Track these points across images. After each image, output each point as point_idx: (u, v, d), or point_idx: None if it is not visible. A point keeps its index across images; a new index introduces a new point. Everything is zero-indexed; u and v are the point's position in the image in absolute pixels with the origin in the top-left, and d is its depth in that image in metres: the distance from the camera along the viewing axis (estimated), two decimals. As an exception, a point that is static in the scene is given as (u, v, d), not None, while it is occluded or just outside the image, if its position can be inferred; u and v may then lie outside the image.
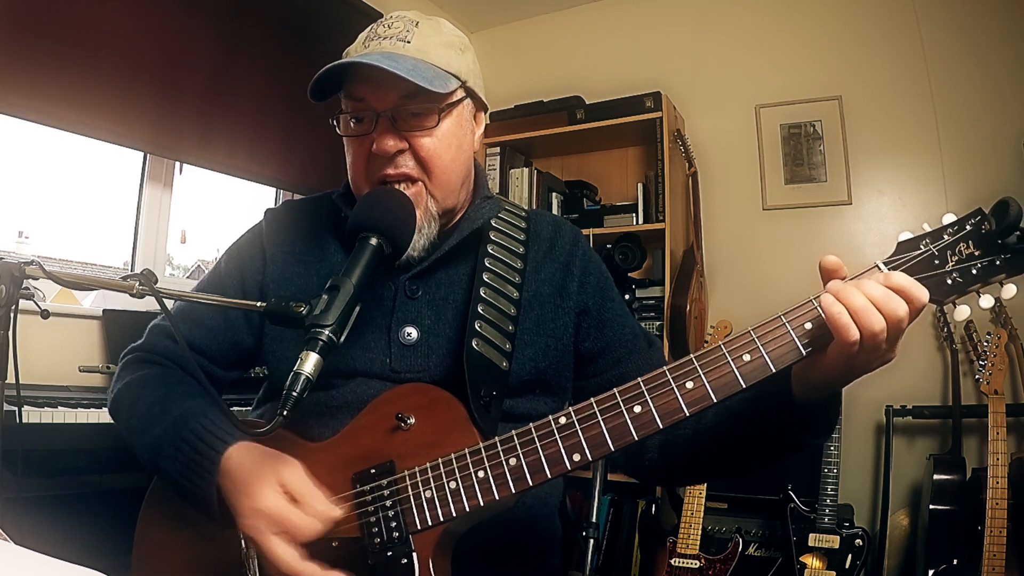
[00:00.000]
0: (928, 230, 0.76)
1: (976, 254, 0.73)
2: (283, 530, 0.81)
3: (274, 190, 3.01)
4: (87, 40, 2.05)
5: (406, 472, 0.86)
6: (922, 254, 0.75)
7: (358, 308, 0.82)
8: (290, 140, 2.70)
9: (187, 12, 2.35)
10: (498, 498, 0.82)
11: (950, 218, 0.75)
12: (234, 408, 1.61)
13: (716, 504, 2.54)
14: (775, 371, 0.75)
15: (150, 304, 1.15)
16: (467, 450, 0.84)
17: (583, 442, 0.80)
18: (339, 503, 0.86)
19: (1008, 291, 0.73)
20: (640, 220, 2.99)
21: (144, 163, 2.44)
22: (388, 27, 1.00)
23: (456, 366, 0.96)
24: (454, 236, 1.05)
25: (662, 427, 0.77)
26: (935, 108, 2.71)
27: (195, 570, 0.95)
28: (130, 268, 2.46)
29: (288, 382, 0.75)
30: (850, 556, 2.22)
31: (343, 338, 0.79)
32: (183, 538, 0.97)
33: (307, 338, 0.77)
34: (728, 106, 3.09)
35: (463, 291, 1.04)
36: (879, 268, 0.75)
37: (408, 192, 0.98)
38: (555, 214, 2.93)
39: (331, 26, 2.80)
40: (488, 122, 1.70)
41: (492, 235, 1.08)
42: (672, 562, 2.37)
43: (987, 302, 0.74)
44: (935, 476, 2.22)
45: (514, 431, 0.83)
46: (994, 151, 2.58)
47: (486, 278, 1.02)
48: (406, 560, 0.83)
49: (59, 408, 1.54)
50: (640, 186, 3.02)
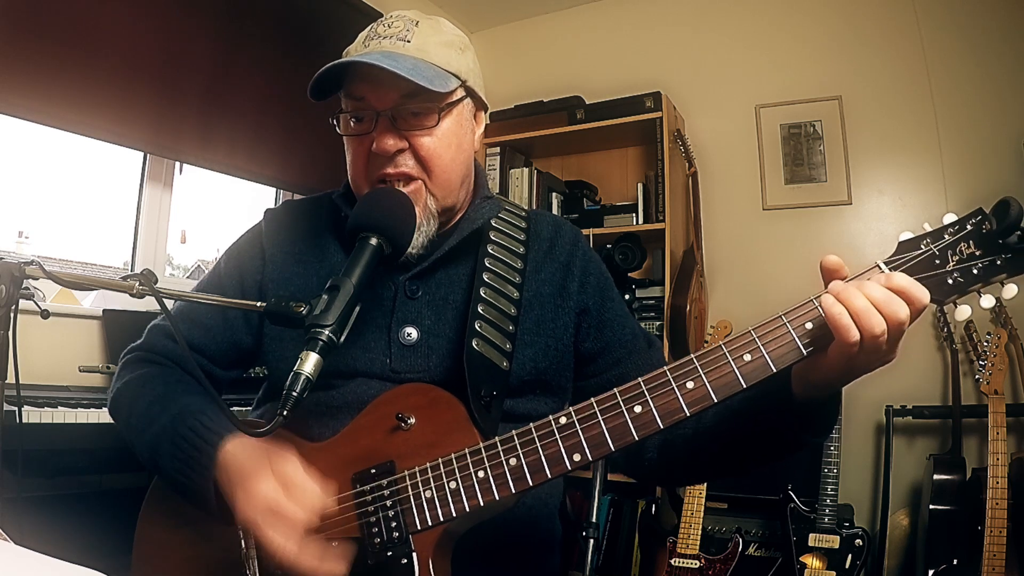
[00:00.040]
0: (929, 230, 0.76)
1: (977, 254, 0.73)
2: (279, 520, 0.81)
3: (274, 190, 3.01)
4: (87, 40, 2.05)
5: (406, 472, 0.86)
6: (923, 254, 0.75)
7: (358, 308, 0.82)
8: (290, 140, 2.70)
9: (187, 12, 2.35)
10: (498, 498, 0.82)
11: (951, 218, 0.75)
12: (234, 408, 1.61)
13: (716, 504, 2.54)
14: (776, 371, 0.75)
15: (150, 304, 1.15)
16: (467, 450, 0.84)
17: (583, 442, 0.79)
18: (339, 503, 0.86)
19: (1009, 291, 0.73)
20: (640, 220, 2.99)
21: (144, 163, 2.44)
22: (388, 26, 1.00)
23: (456, 366, 0.96)
24: (454, 236, 1.05)
25: (663, 427, 0.77)
26: (935, 108, 2.71)
27: (195, 570, 0.95)
28: (130, 268, 2.46)
29: (288, 382, 0.75)
30: (850, 556, 2.22)
31: (343, 338, 0.79)
32: (183, 538, 0.97)
33: (307, 338, 0.78)
34: (728, 106, 3.09)
35: (463, 291, 1.03)
36: (880, 268, 0.75)
37: (407, 189, 0.97)
38: (555, 214, 2.93)
39: (331, 26, 2.80)
40: (488, 122, 1.69)
41: (492, 235, 1.08)
42: (672, 562, 2.37)
43: (988, 302, 0.74)
44: (935, 476, 2.22)
45: (514, 431, 0.83)
46: (994, 151, 2.58)
47: (486, 278, 1.02)
48: (406, 560, 0.83)
49: (59, 408, 1.54)
50: (640, 186, 3.02)
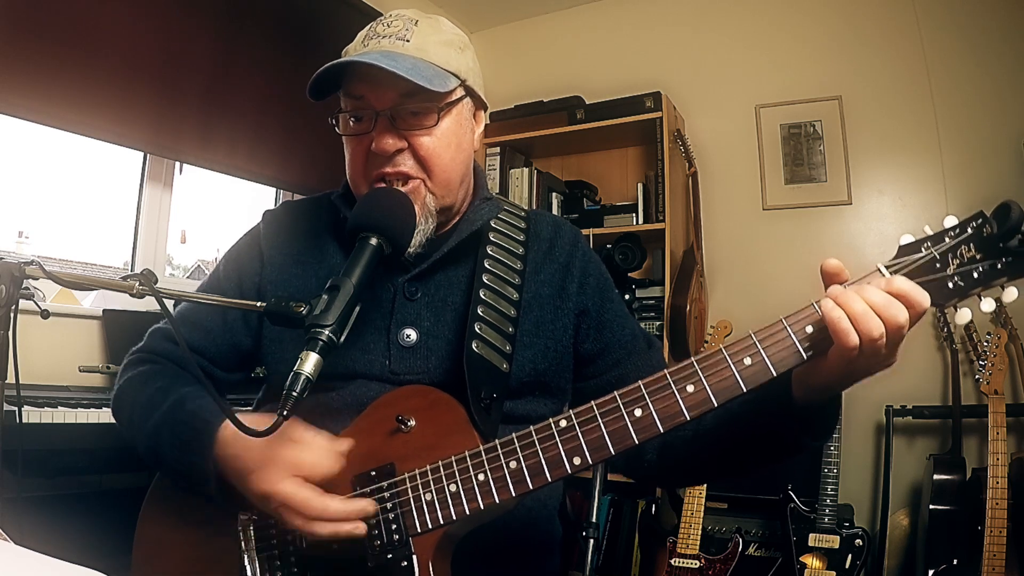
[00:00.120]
0: (929, 233, 0.76)
1: (977, 257, 0.73)
2: (296, 472, 0.82)
3: (274, 190, 3.01)
4: (87, 40, 2.05)
5: (406, 474, 0.86)
6: (923, 257, 0.74)
7: (358, 308, 0.82)
8: (290, 140, 2.70)
9: (187, 12, 2.35)
10: (498, 501, 0.82)
11: (951, 221, 0.75)
12: (234, 408, 1.61)
13: (716, 504, 2.54)
14: (776, 375, 0.75)
15: (150, 304, 1.15)
16: (467, 453, 0.84)
17: (583, 445, 0.79)
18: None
19: (1010, 294, 0.72)
20: (640, 220, 2.98)
21: (144, 163, 2.44)
22: (387, 26, 0.99)
23: (455, 368, 0.96)
24: (453, 238, 1.04)
25: (663, 431, 0.77)
26: (935, 108, 2.71)
27: (195, 570, 0.95)
28: (130, 268, 2.46)
29: (288, 382, 0.75)
30: (850, 556, 2.22)
31: (343, 338, 0.79)
32: (183, 538, 0.97)
33: (307, 338, 0.77)
34: (728, 106, 3.08)
35: (462, 293, 1.03)
36: (880, 272, 0.75)
37: (405, 189, 0.97)
38: (555, 214, 2.93)
39: (331, 26, 2.80)
40: (488, 122, 1.69)
41: (491, 236, 1.07)
42: (672, 562, 2.37)
43: (988, 306, 0.74)
44: (935, 476, 2.22)
45: (514, 434, 0.83)
46: (994, 151, 2.58)
47: (486, 280, 1.02)
48: (406, 562, 0.83)
49: (59, 408, 1.54)
50: (640, 186, 3.02)
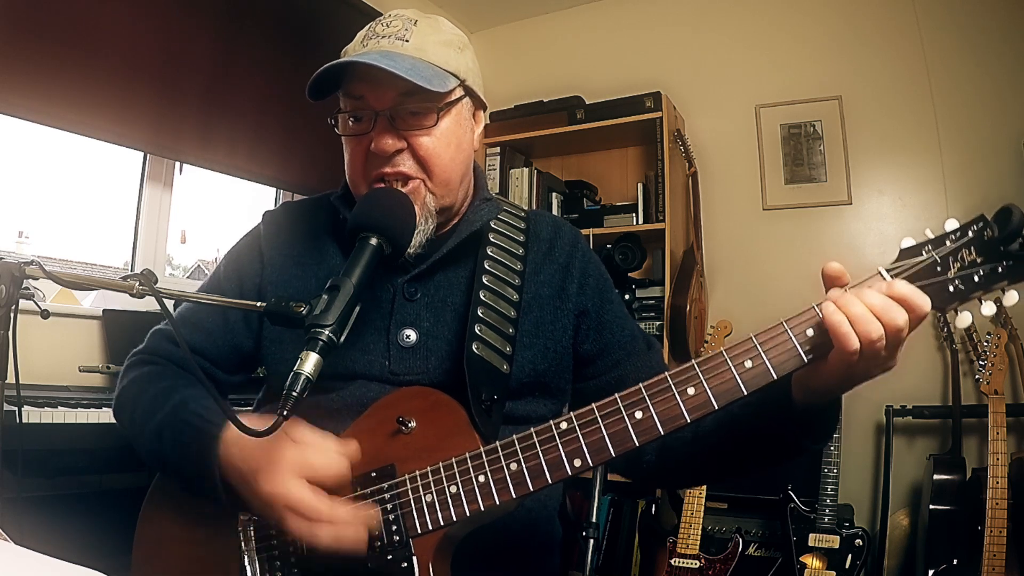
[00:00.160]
0: (930, 236, 0.76)
1: (978, 261, 0.73)
2: (303, 473, 0.82)
3: (274, 190, 3.01)
4: (87, 40, 2.05)
5: (407, 476, 0.86)
6: (924, 261, 0.74)
7: (358, 308, 0.82)
8: (290, 140, 2.70)
9: (187, 12, 2.35)
10: (499, 502, 0.82)
11: (952, 224, 0.75)
12: (235, 408, 1.61)
13: (716, 504, 2.54)
14: (776, 378, 0.75)
15: (150, 304, 1.15)
16: (468, 454, 0.84)
17: (584, 447, 0.79)
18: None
19: (1010, 298, 0.72)
20: (640, 220, 2.98)
21: (144, 163, 2.44)
22: (387, 26, 0.99)
23: (455, 369, 0.96)
24: (453, 238, 1.04)
25: (663, 433, 0.77)
26: (935, 108, 2.71)
27: (195, 570, 0.95)
28: (130, 268, 2.46)
29: (288, 382, 0.75)
30: (850, 556, 2.22)
31: (343, 338, 0.79)
32: (184, 538, 0.97)
33: (307, 338, 0.77)
34: (728, 106, 3.08)
35: (462, 293, 1.03)
36: (881, 275, 0.75)
37: (405, 189, 0.97)
38: (555, 214, 2.93)
39: (331, 26, 2.80)
40: (488, 121, 1.68)
41: (491, 236, 1.07)
42: (672, 562, 2.38)
43: (989, 309, 0.73)
44: (935, 476, 2.22)
45: (515, 436, 0.83)
46: (994, 151, 2.58)
47: (485, 280, 1.02)
48: (406, 564, 0.83)
49: (59, 408, 1.54)
50: (640, 186, 3.02)
